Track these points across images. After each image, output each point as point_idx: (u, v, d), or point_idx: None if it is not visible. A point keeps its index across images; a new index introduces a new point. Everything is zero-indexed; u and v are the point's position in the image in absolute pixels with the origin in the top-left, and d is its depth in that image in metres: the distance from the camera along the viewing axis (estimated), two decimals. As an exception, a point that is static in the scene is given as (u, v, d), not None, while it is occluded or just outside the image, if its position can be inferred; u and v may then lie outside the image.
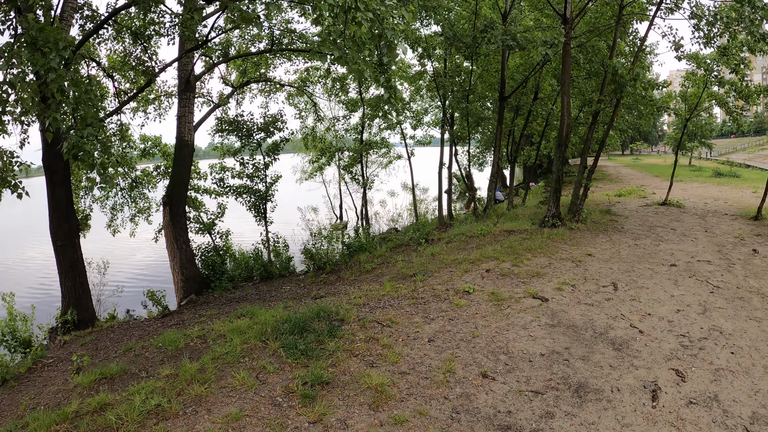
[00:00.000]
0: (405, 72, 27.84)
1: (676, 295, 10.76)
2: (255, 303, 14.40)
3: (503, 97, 21.07)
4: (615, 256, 13.76)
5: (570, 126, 17.42)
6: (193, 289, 18.20)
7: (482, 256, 13.88)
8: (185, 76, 19.34)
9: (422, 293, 11.15)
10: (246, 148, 22.22)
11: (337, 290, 13.74)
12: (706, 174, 48.03)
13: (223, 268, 19.75)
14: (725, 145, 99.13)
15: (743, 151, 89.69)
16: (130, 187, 24.13)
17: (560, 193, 17.57)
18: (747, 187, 33.80)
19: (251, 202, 21.67)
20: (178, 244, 18.72)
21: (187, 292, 18.10)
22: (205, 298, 17.25)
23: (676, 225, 18.62)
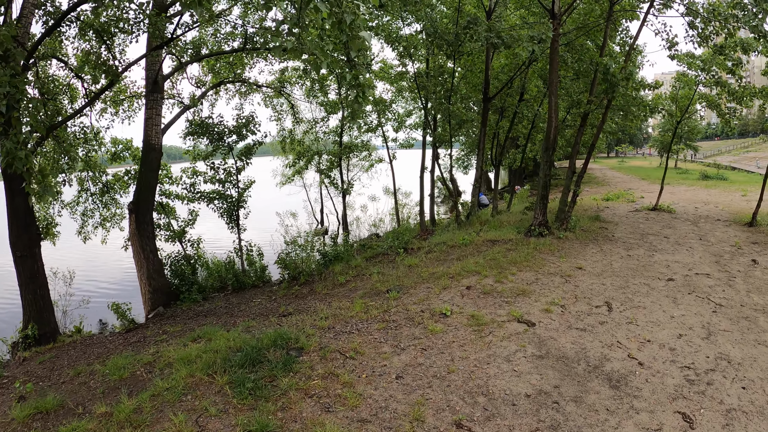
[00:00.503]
0: (387, 73, 26.61)
1: (676, 315, 9.60)
2: (221, 317, 13.60)
3: (487, 98, 19.87)
4: (607, 270, 12.57)
5: (558, 128, 16.26)
6: (161, 301, 17.08)
7: (463, 269, 12.65)
8: (152, 76, 18.12)
9: (394, 315, 9.90)
10: (218, 152, 20.90)
11: (307, 306, 12.61)
12: (693, 177, 47.36)
13: (193, 279, 18.57)
14: (710, 148, 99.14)
15: (728, 154, 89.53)
16: (101, 192, 22.74)
17: (547, 199, 16.39)
18: (735, 190, 33.12)
19: (223, 209, 20.33)
20: (144, 254, 17.52)
21: (154, 305, 16.98)
22: (173, 310, 16.13)
23: (669, 232, 17.51)
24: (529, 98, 22.67)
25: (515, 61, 21.61)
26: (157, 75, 18.14)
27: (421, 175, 24.65)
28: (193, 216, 21.13)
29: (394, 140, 28.29)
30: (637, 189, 35.81)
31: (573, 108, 20.99)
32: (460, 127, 22.12)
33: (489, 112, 20.93)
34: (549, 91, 15.67)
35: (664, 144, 70.80)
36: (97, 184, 22.54)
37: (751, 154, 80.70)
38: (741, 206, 24.21)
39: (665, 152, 74.05)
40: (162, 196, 21.04)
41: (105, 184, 22.49)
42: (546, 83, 21.29)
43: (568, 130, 26.65)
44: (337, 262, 17.90)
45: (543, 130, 25.41)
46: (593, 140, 17.80)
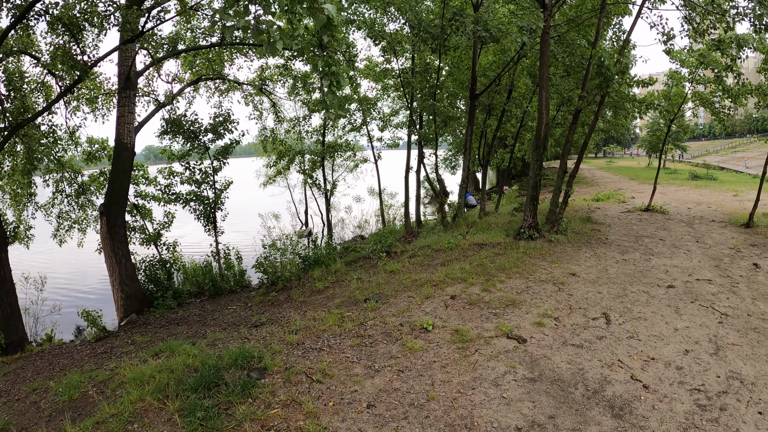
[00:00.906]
0: (372, 70, 25.59)
1: (680, 328, 8.67)
2: (193, 326, 12.92)
3: (474, 94, 18.88)
4: (602, 276, 11.62)
5: (548, 125, 15.32)
6: (134, 308, 16.13)
7: (447, 276, 11.68)
8: (125, 71, 17.18)
9: (371, 328, 8.91)
10: (195, 152, 19.82)
11: (281, 315, 11.76)
12: (683, 177, 46.69)
13: (168, 284, 17.62)
14: (697, 148, 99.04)
15: (716, 154, 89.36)
16: (77, 194, 21.65)
17: (537, 200, 15.44)
18: (726, 190, 32.44)
19: (201, 211, 19.27)
20: (116, 258, 16.55)
21: (127, 311, 16.02)
22: (147, 318, 15.25)
23: (664, 234, 16.62)
24: (517, 96, 21.71)
25: (503, 57, 20.69)
26: (129, 71, 17.22)
27: (406, 175, 23.66)
28: (169, 218, 20.09)
29: (379, 140, 27.33)
30: (627, 189, 35.00)
31: (563, 106, 20.02)
32: (445, 125, 21.00)
33: (476, 109, 19.98)
34: (539, 86, 14.72)
35: (652, 144, 70.54)
36: (73, 185, 21.48)
37: (738, 155, 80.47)
38: (734, 206, 23.45)
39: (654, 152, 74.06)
40: (138, 197, 20.03)
41: (81, 185, 21.44)
42: (535, 81, 20.36)
43: (557, 128, 25.73)
44: (317, 266, 17.01)
45: (532, 129, 24.48)
46: (585, 139, 16.85)
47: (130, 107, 17.12)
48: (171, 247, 19.68)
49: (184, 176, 19.50)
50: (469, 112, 19.69)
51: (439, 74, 19.75)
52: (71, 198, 21.58)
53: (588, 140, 16.72)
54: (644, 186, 37.45)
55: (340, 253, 21.21)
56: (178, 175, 19.69)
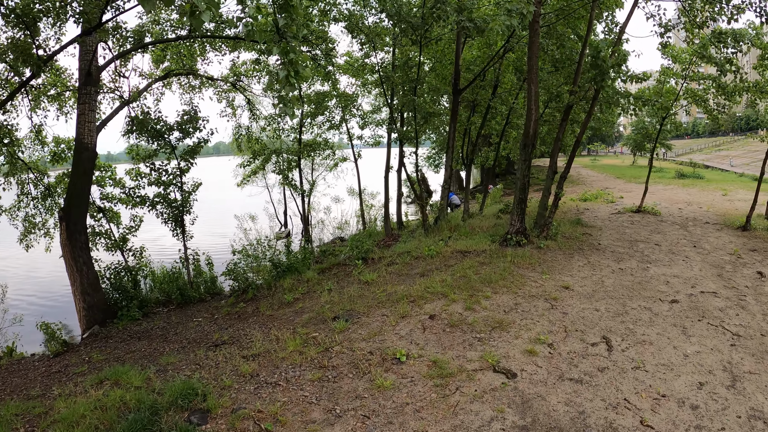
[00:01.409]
0: (351, 66, 24.30)
1: (690, 353, 7.55)
2: (153, 342, 11.71)
3: (458, 90, 17.63)
4: (599, 289, 10.44)
5: (537, 121, 14.09)
6: (97, 319, 14.88)
7: (427, 290, 10.45)
8: (85, 66, 15.86)
9: (336, 357, 7.67)
10: (162, 152, 18.44)
11: (243, 333, 10.63)
12: (669, 175, 46.02)
13: (134, 293, 16.27)
14: (681, 146, 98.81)
15: (700, 152, 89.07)
16: (43, 196, 20.21)
17: (525, 203, 14.23)
18: (714, 189, 31.64)
19: (169, 214, 17.90)
20: (77, 266, 15.27)
21: (90, 323, 14.78)
22: (109, 330, 14.02)
23: (659, 239, 15.55)
24: (503, 91, 20.47)
25: (488, 52, 19.46)
26: (90, 65, 15.88)
27: (386, 175, 22.42)
28: (136, 222, 18.71)
29: (359, 138, 25.94)
30: (614, 188, 34.06)
31: (551, 102, 18.76)
32: (426, 122, 19.67)
33: (460, 106, 18.75)
34: (528, 79, 13.50)
35: (637, 142, 69.77)
36: (39, 187, 20.06)
37: (723, 153, 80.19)
38: (726, 207, 22.62)
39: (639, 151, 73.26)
40: (104, 200, 18.63)
41: (47, 186, 20.03)
42: (522, 76, 19.18)
43: (543, 126, 24.58)
44: (290, 273, 15.83)
45: (518, 126, 23.31)
46: (578, 137, 15.61)
47: (91, 104, 15.86)
48: (138, 252, 18.30)
49: (152, 177, 18.12)
50: (451, 108, 18.45)
51: (420, 68, 18.47)
52: (37, 201, 20.19)
53: (581, 138, 15.52)
54: (631, 185, 36.61)
55: (317, 257, 20.01)
56: (146, 176, 18.31)
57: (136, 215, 18.79)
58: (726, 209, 21.78)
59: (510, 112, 21.25)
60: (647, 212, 20.57)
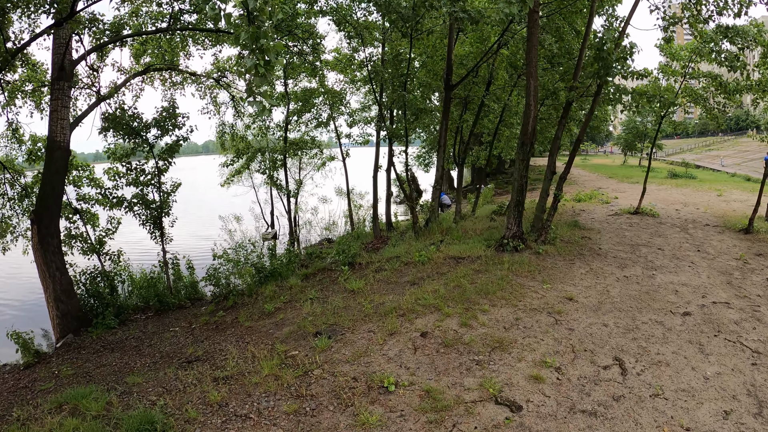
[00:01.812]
0: (340, 62, 23.36)
1: (710, 375, 6.76)
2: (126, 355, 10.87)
3: (449, 85, 16.70)
4: (605, 300, 9.58)
5: (537, 117, 13.16)
6: (71, 327, 13.90)
7: (418, 302, 9.56)
8: (58, 60, 14.91)
9: (316, 383, 6.77)
10: (141, 151, 17.39)
11: (218, 348, 9.80)
12: (661, 175, 45.42)
13: (110, 300, 15.28)
14: (671, 146, 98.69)
15: (690, 152, 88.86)
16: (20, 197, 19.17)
17: (523, 206, 13.31)
18: (708, 189, 31.06)
19: (147, 216, 16.89)
20: (50, 272, 14.32)
21: (64, 331, 13.82)
22: (82, 340, 13.08)
23: (661, 242, 14.75)
24: (496, 88, 19.54)
25: (482, 47, 18.53)
26: (63, 59, 14.92)
27: (375, 174, 21.47)
28: (114, 224, 17.68)
29: (348, 136, 24.90)
30: (607, 188, 33.33)
31: (548, 99, 17.84)
32: (416, 119, 18.69)
33: (451, 103, 17.85)
34: (527, 73, 12.55)
35: (628, 142, 69.33)
36: (15, 188, 19.02)
37: (713, 153, 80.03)
38: (723, 208, 21.92)
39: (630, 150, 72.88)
40: (80, 200, 17.55)
41: (24, 187, 19.00)
42: (518, 71, 18.30)
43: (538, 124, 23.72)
44: (273, 279, 15.03)
45: (511, 125, 22.41)
46: (579, 134, 14.67)
47: (63, 101, 14.90)
48: (115, 256, 17.28)
49: (130, 177, 17.09)
50: (443, 105, 17.55)
51: (410, 62, 17.54)
52: (14, 201, 19.15)
53: (582, 137, 14.60)
54: (624, 185, 35.94)
55: (303, 260, 19.11)
56: (124, 176, 17.27)
57: (113, 217, 17.79)
58: (723, 210, 21.07)
59: (504, 109, 20.35)
60: (645, 214, 19.79)
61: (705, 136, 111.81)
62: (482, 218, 20.31)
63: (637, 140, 68.37)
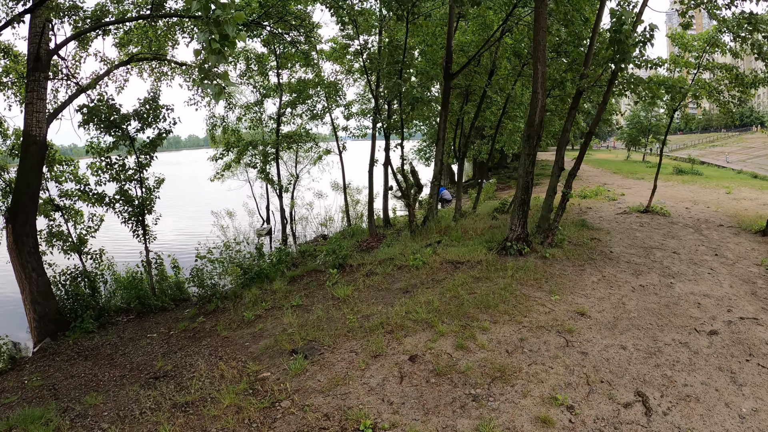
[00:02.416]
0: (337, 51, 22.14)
1: (746, 413, 5.78)
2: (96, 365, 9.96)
3: (449, 74, 15.45)
4: (621, 315, 8.40)
5: (545, 107, 11.87)
6: (49, 331, 12.99)
7: (409, 315, 8.41)
8: (34, 50, 13.86)
9: (282, 422, 5.66)
10: (123, 145, 16.19)
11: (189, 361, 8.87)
12: (667, 171, 44.21)
13: (89, 301, 14.30)
14: (675, 141, 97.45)
15: (693, 148, 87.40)
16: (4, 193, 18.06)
17: (528, 205, 12.08)
18: (715, 186, 29.89)
19: (130, 213, 15.72)
20: (26, 273, 13.29)
21: (41, 335, 12.94)
22: (59, 345, 12.13)
23: (675, 245, 13.58)
24: (500, 78, 18.25)
25: (484, 35, 17.26)
26: (38, 49, 13.86)
27: (371, 169, 20.28)
28: (96, 222, 16.51)
29: (344, 129, 23.66)
30: (612, 184, 32.10)
31: (555, 89, 16.55)
32: (413, 109, 17.41)
33: (452, 93, 16.62)
34: (534, 57, 11.26)
35: (632, 137, 68.05)
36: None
37: (717, 149, 78.64)
38: (734, 207, 20.74)
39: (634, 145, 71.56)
40: (63, 197, 16.26)
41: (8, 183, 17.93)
42: (522, 60, 17.06)
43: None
44: (258, 281, 13.93)
45: (515, 117, 21.11)
46: (591, 127, 13.26)
47: (39, 93, 13.82)
48: (97, 255, 16.13)
49: (113, 173, 15.88)
50: (443, 95, 16.31)
51: (406, 49, 16.27)
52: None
53: (594, 129, 13.26)
54: (629, 181, 34.76)
55: (295, 258, 17.98)
56: (106, 171, 16.06)
57: (94, 214, 16.65)
58: (735, 210, 19.89)
59: (507, 101, 19.09)
60: (656, 213, 18.60)
61: (708, 131, 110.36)
62: (483, 216, 19.09)
63: (641, 135, 67.15)
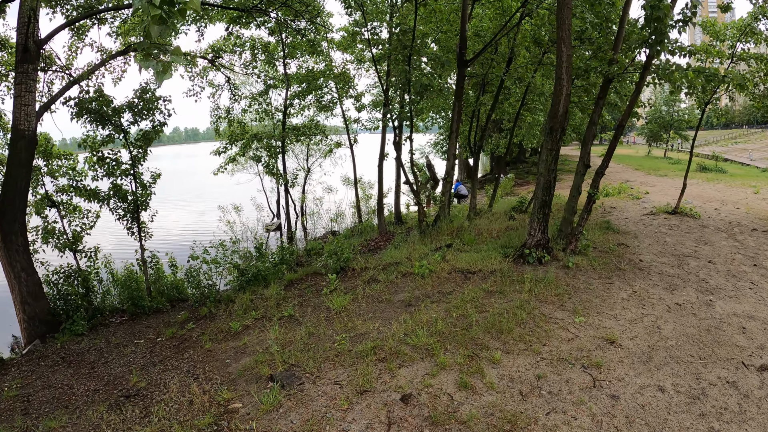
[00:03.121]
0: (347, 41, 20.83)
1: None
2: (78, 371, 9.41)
3: (463, 61, 14.01)
4: (657, 344, 7.01)
5: (570, 95, 10.25)
6: (39, 332, 12.40)
7: (407, 338, 7.14)
8: (22, 41, 12.99)
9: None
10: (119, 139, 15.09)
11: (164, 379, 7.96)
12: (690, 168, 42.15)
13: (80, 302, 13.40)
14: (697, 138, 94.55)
15: (716, 144, 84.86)
16: None
17: (550, 208, 10.63)
18: (741, 185, 28.05)
19: (125, 209, 14.64)
20: (15, 273, 12.55)
21: (31, 336, 12.39)
22: (46, 348, 11.49)
23: (709, 252, 12.10)
24: (518, 66, 16.67)
25: (502, 21, 15.73)
26: (26, 39, 12.93)
27: (380, 164, 18.99)
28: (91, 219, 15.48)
29: (356, 121, 22.28)
30: (635, 181, 30.42)
31: (578, 79, 14.88)
32: (421, 98, 15.90)
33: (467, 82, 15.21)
34: (558, 38, 9.72)
35: (653, 132, 65.84)
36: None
37: (740, 146, 76.19)
38: (765, 208, 19.00)
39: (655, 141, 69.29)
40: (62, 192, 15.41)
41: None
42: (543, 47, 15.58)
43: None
44: (254, 284, 12.97)
45: (535, 110, 19.57)
46: (622, 119, 11.55)
47: (28, 85, 12.93)
48: (92, 253, 15.08)
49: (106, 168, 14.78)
50: (456, 84, 14.89)
51: (414, 32, 14.80)
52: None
53: (625, 122, 11.65)
54: (652, 178, 33.01)
55: (299, 257, 16.86)
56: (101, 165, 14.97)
57: (89, 210, 15.63)
58: (767, 211, 18.28)
59: (526, 91, 17.55)
60: (685, 214, 17.03)
61: (729, 128, 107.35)
62: (500, 215, 17.65)
63: (662, 131, 65.01)
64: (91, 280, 14.26)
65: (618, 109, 17.44)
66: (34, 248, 14.01)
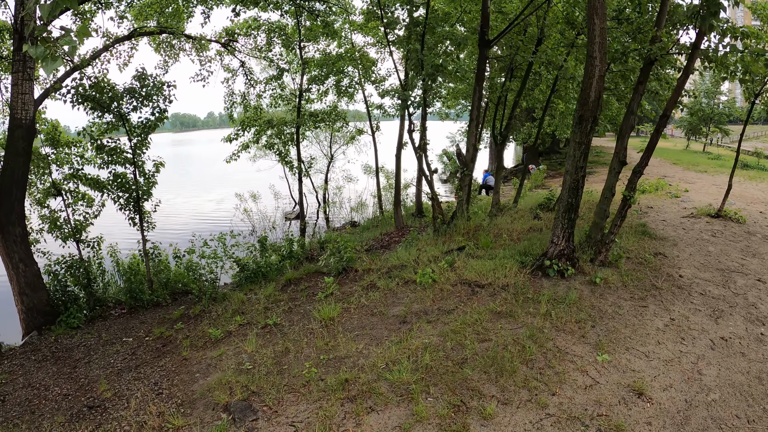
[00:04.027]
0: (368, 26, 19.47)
1: None
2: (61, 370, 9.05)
3: (485, 41, 12.38)
4: (696, 398, 5.47)
5: (603, 78, 8.37)
6: (37, 323, 12.22)
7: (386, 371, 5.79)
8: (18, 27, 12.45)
9: None
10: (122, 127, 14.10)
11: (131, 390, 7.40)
12: (729, 164, 39.62)
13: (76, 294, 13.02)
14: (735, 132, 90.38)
15: (756, 140, 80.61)
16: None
17: (577, 212, 9.00)
18: (786, 184, 25.60)
19: (126, 199, 13.66)
20: (13, 264, 12.26)
21: (29, 327, 12.23)
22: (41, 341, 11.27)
23: (757, 266, 10.41)
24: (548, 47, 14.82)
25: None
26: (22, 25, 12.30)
27: (398, 153, 17.59)
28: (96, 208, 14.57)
29: (379, 107, 20.83)
30: (672, 177, 28.24)
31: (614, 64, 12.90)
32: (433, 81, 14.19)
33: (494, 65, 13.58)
34: (589, 8, 8.03)
35: (693, 125, 62.66)
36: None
37: (784, 141, 72.28)
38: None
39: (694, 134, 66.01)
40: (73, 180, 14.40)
41: None
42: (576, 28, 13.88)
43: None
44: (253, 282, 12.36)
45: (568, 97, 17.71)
46: (667, 108, 9.69)
47: (25, 72, 12.33)
48: (95, 243, 14.26)
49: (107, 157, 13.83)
50: (477, 66, 13.27)
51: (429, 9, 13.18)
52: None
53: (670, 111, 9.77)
54: (691, 174, 30.75)
55: (311, 251, 15.77)
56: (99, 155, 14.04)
57: (93, 199, 14.80)
58: (822, 218, 16.31)
59: (557, 76, 15.76)
60: (729, 218, 15.16)
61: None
62: (524, 212, 16.03)
63: (702, 124, 61.84)
64: (93, 271, 13.68)
65: (658, 98, 15.49)
66: (35, 238, 13.47)
